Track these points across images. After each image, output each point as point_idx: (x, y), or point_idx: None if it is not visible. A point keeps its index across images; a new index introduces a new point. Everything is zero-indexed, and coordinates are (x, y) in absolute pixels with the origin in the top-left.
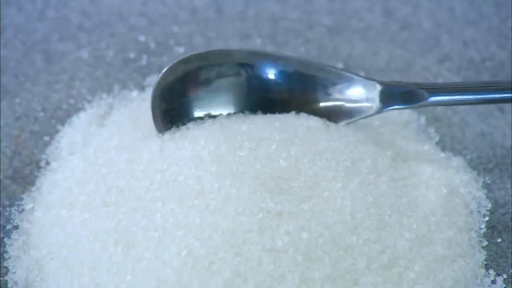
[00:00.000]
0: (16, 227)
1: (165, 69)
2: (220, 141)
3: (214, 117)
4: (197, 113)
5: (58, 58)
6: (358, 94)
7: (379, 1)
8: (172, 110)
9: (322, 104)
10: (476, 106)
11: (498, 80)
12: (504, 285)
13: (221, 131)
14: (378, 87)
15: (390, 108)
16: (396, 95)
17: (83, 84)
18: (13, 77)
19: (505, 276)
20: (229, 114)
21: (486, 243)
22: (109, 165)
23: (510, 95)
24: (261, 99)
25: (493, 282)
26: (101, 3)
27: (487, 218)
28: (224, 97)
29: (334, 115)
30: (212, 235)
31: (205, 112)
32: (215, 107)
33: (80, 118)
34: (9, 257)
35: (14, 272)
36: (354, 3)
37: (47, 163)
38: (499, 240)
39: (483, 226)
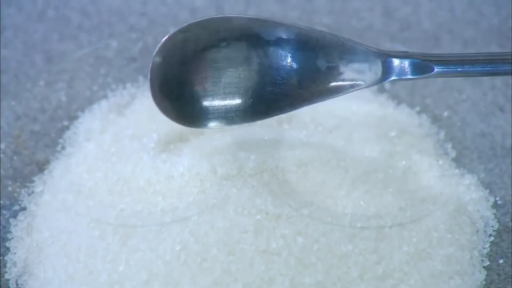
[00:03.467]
0: (24, 209)
1: (165, 38)
2: (229, 144)
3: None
4: (197, 82)
5: (58, 58)
6: (361, 63)
7: (379, 1)
8: (171, 80)
9: (323, 72)
10: (476, 106)
11: (505, 52)
12: None
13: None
14: (382, 57)
15: (392, 78)
16: (400, 65)
17: (109, 73)
18: (13, 77)
19: None
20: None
21: (488, 263)
22: (120, 154)
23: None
24: (261, 65)
25: None
26: (101, 3)
27: (492, 239)
28: (224, 65)
29: (335, 84)
30: (207, 232)
31: (206, 83)
32: (216, 76)
33: (101, 106)
34: (12, 238)
35: (15, 253)
36: (354, 2)
37: (63, 148)
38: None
39: (487, 246)
